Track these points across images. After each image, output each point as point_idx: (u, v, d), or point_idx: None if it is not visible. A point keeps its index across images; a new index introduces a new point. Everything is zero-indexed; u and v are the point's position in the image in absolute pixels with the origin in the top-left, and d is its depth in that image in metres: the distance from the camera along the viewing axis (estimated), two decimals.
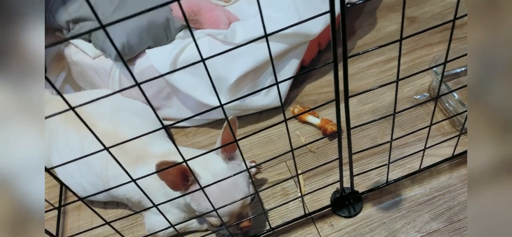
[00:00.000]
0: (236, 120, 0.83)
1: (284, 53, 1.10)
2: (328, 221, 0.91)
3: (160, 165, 0.75)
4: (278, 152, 1.07)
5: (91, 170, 0.98)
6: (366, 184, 0.95)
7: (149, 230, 0.97)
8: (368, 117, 1.08)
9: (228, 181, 0.82)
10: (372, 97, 1.11)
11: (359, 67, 1.19)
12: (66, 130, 1.04)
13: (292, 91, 1.19)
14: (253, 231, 0.93)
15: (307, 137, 1.08)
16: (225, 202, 0.80)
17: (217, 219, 0.83)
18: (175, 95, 1.16)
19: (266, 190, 1.00)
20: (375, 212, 0.90)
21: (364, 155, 1.00)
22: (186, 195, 0.84)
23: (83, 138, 1.00)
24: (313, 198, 0.96)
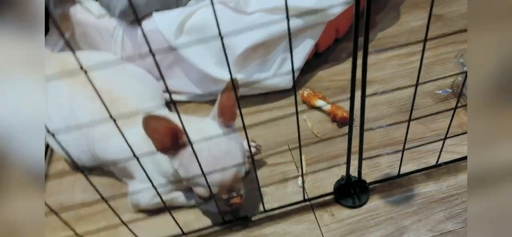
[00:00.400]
0: (238, 82, 0.75)
1: (299, 31, 1.02)
2: (329, 210, 0.81)
3: (148, 118, 0.67)
4: (282, 135, 0.98)
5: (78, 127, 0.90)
6: (375, 175, 0.85)
7: (132, 199, 0.88)
8: (383, 107, 0.98)
9: (221, 147, 0.74)
10: (389, 88, 1.02)
11: (378, 58, 1.10)
12: (57, 86, 0.97)
13: (303, 76, 1.10)
14: (244, 211, 0.84)
15: (315, 123, 0.99)
16: (217, 171, 0.72)
17: (205, 190, 0.74)
18: (178, 65, 1.08)
19: (264, 172, 0.91)
20: (382, 205, 0.80)
21: (375, 145, 0.90)
22: (174, 160, 0.75)
23: (74, 95, 0.93)
24: (314, 185, 0.86)
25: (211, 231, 0.82)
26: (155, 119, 0.68)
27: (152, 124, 0.68)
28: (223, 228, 0.82)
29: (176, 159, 0.75)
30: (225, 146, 0.74)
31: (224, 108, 0.76)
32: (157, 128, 0.69)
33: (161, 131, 0.70)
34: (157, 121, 0.68)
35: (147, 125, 0.67)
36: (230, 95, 0.75)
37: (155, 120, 0.68)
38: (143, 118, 0.66)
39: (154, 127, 0.69)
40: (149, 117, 0.66)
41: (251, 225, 0.82)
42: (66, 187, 0.99)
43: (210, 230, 0.82)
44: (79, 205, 0.94)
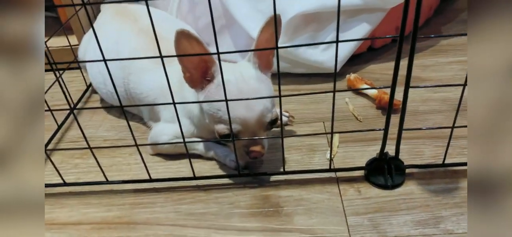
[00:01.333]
0: (280, 18, 0.69)
1: (356, 12, 0.95)
2: (355, 186, 0.71)
3: (180, 34, 0.63)
4: (320, 113, 0.90)
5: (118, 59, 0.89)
6: (416, 162, 0.74)
7: (151, 138, 0.84)
8: (436, 104, 0.87)
9: (250, 85, 0.68)
10: (446, 88, 0.91)
11: (438, 61, 1.00)
12: (109, 24, 0.98)
13: (352, 66, 1.02)
14: (263, 168, 0.76)
15: (358, 107, 0.90)
16: (241, 106, 0.66)
17: (225, 127, 0.68)
18: (228, 30, 1.06)
19: (292, 141, 0.83)
20: (419, 191, 0.68)
21: (421, 135, 0.79)
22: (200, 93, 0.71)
23: (121, 30, 0.93)
24: (344, 161, 0.76)
25: (224, 182, 0.75)
26: (187, 38, 0.63)
27: (183, 44, 0.64)
28: (237, 182, 0.74)
29: (202, 92, 0.71)
30: (254, 85, 0.69)
31: (261, 52, 0.71)
32: (188, 51, 0.65)
33: (193, 61, 0.67)
34: (188, 41, 0.64)
35: (179, 43, 0.63)
36: (269, 37, 0.69)
37: (187, 39, 0.64)
38: (176, 32, 0.62)
39: (186, 48, 0.64)
40: (182, 33, 0.62)
41: (267, 185, 0.73)
42: (94, 124, 0.97)
43: (223, 180, 0.75)
44: (100, 139, 0.91)
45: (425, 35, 1.10)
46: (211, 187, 0.74)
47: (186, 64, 0.68)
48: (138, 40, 0.87)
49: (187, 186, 0.75)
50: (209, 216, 0.69)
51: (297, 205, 0.69)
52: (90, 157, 0.84)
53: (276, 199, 0.70)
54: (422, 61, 1.00)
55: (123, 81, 0.88)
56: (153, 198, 0.74)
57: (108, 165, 0.83)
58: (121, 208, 0.73)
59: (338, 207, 0.67)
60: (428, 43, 1.07)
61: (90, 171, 0.82)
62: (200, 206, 0.71)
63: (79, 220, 0.71)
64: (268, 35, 0.68)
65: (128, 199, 0.75)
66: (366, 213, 0.66)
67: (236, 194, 0.72)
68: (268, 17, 0.66)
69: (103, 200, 0.75)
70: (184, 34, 0.63)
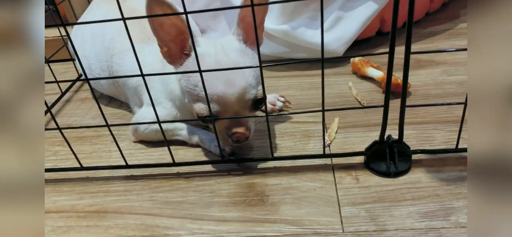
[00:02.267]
0: None
1: None
2: (353, 173, 0.61)
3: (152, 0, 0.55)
4: (319, 98, 0.80)
5: (103, 41, 0.84)
6: (425, 147, 0.64)
7: (132, 125, 0.77)
8: (451, 87, 0.77)
9: (231, 58, 0.60)
10: (462, 71, 0.80)
11: (454, 44, 0.90)
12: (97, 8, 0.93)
13: (360, 49, 0.93)
14: (252, 155, 0.67)
15: (362, 92, 0.80)
16: (219, 82, 0.58)
17: (205, 107, 0.60)
18: (224, 14, 0.98)
19: (286, 126, 0.74)
20: (427, 179, 0.58)
21: (432, 120, 0.69)
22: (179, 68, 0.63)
23: (108, 11, 0.87)
24: (342, 147, 0.67)
25: (206, 169, 0.67)
26: (160, 4, 0.55)
27: (156, 11, 0.56)
28: (220, 169, 0.66)
29: (180, 66, 0.63)
30: (236, 57, 0.60)
31: (246, 24, 0.63)
32: (163, 22, 0.58)
33: (168, 30, 0.59)
34: (161, 7, 0.56)
35: (151, 11, 0.55)
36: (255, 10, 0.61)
37: (160, 6, 0.56)
38: (147, 0, 0.55)
39: (160, 21, 0.57)
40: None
41: (254, 172, 0.65)
42: (81, 112, 0.91)
43: (205, 167, 0.67)
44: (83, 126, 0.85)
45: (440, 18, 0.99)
46: (192, 175, 0.66)
47: (162, 36, 0.60)
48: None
49: (166, 173, 0.68)
50: (186, 205, 0.61)
51: (285, 193, 0.60)
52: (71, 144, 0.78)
53: (261, 187, 0.61)
54: (436, 45, 0.90)
55: (107, 63, 0.82)
56: (130, 185, 0.67)
57: (88, 152, 0.77)
58: (93, 196, 0.66)
59: (332, 196, 0.58)
60: (444, 26, 0.97)
61: (68, 158, 0.76)
62: (178, 194, 0.63)
63: (48, 208, 0.64)
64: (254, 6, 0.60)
65: (102, 186, 0.67)
66: (363, 203, 0.56)
67: (219, 182, 0.64)
68: None
69: (76, 188, 0.68)
70: (155, 0, 0.55)
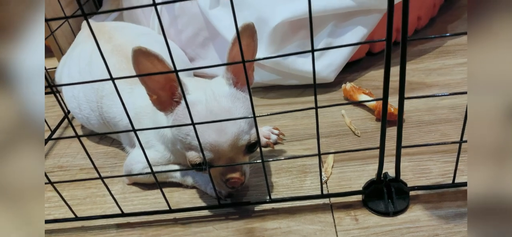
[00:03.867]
0: (255, 32, 0.60)
1: (349, 14, 0.86)
2: (352, 213, 0.61)
3: (138, 52, 0.53)
4: (312, 128, 0.80)
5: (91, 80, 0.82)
6: (422, 183, 0.64)
7: (126, 166, 0.75)
8: (443, 111, 0.77)
9: (222, 104, 0.59)
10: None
11: (445, 63, 0.90)
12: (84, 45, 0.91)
13: (351, 73, 0.93)
14: (247, 199, 0.67)
15: (355, 120, 0.80)
16: (211, 130, 0.57)
17: (197, 155, 0.59)
18: (213, 42, 0.97)
19: (282, 162, 0.74)
20: (426, 218, 0.58)
21: (427, 151, 0.69)
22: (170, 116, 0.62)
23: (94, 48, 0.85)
24: (340, 184, 0.67)
25: (204, 214, 0.66)
26: (147, 56, 0.54)
27: (144, 64, 0.54)
28: (218, 214, 0.65)
29: (171, 115, 0.62)
30: (227, 104, 0.59)
31: (237, 66, 0.62)
32: (151, 71, 0.56)
33: (158, 80, 0.58)
34: (150, 60, 0.54)
35: (138, 62, 0.54)
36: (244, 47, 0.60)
37: (147, 58, 0.54)
38: (132, 51, 0.53)
39: (147, 68, 0.55)
40: (139, 51, 0.53)
41: (252, 215, 0.64)
42: (72, 152, 0.90)
43: (202, 212, 0.66)
44: (76, 169, 0.84)
45: (429, 35, 0.99)
46: (189, 221, 0.66)
47: (150, 85, 0.59)
48: (112, 60, 0.79)
49: (163, 220, 0.67)
50: None
51: None
52: (64, 189, 0.76)
53: (261, 232, 0.61)
54: (427, 65, 0.90)
55: (96, 104, 0.81)
56: (127, 234, 0.66)
57: (82, 197, 0.75)
58: None
59: None
60: (433, 43, 0.97)
61: (62, 205, 0.74)
62: None
63: None
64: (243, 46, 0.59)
65: (98, 236, 0.66)
66: None
67: (217, 227, 0.63)
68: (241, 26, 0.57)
69: None
70: (142, 52, 0.53)
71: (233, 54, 0.60)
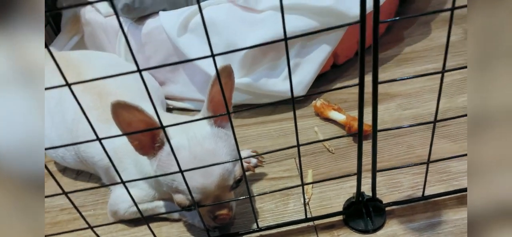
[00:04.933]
0: (232, 72, 0.63)
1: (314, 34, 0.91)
2: (335, 234, 0.67)
3: (117, 106, 0.55)
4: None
5: (63, 121, 0.82)
6: (395, 196, 0.70)
7: (111, 205, 0.77)
8: (408, 122, 0.84)
9: (206, 147, 0.61)
10: (416, 103, 0.88)
11: (405, 72, 0.97)
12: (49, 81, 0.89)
13: (318, 87, 0.98)
14: (235, 229, 0.70)
15: (327, 135, 0.85)
16: (197, 174, 0.59)
17: (185, 197, 0.62)
18: (183, 67, 0.99)
19: (264, 185, 0.78)
20: (401, 232, 0.65)
21: (396, 163, 0.76)
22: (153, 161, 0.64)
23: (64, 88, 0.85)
24: (321, 204, 0.72)
25: None
26: (127, 109, 0.56)
27: (123, 115, 0.56)
28: None
29: (155, 160, 0.63)
30: (211, 145, 0.62)
31: (216, 103, 0.64)
32: (131, 121, 0.58)
33: (136, 125, 0.58)
34: (129, 112, 0.56)
35: (117, 116, 0.56)
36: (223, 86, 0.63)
37: (127, 110, 0.56)
38: (111, 105, 0.55)
39: (127, 119, 0.57)
40: (118, 104, 0.55)
41: None
42: (49, 191, 0.88)
43: None
44: (56, 210, 0.84)
45: (386, 43, 1.06)
46: None
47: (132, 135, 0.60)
48: (84, 99, 0.79)
49: None
50: None
51: None
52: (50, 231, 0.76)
53: None
54: (388, 75, 0.97)
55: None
56: None
57: None
58: None
59: None
60: (391, 52, 1.04)
61: None
62: None
63: None
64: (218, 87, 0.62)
65: None
66: None
67: None
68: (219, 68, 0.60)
69: None
70: (121, 105, 0.55)
71: (213, 93, 0.63)
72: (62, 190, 0.56)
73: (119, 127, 0.58)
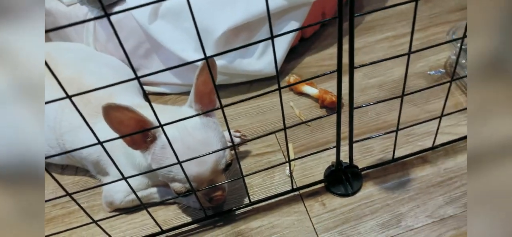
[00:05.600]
0: (215, 63, 0.69)
1: (282, 12, 0.96)
2: (319, 199, 0.76)
3: (108, 109, 0.59)
4: (268, 124, 0.92)
5: (46, 120, 0.83)
6: (368, 161, 0.80)
7: (106, 197, 0.81)
8: (374, 91, 0.93)
9: (197, 137, 0.67)
10: (380, 71, 0.97)
11: (367, 41, 1.06)
12: None
13: (289, 62, 1.04)
14: (228, 205, 0.78)
15: (303, 110, 0.93)
16: (191, 163, 0.64)
17: (182, 185, 0.68)
18: (156, 53, 1.02)
19: (249, 162, 0.85)
20: (377, 192, 0.75)
21: (367, 130, 0.85)
22: (147, 154, 0.69)
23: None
24: (304, 174, 0.81)
25: (193, 227, 0.76)
26: (118, 109, 0.60)
27: (114, 116, 0.60)
28: (206, 224, 0.76)
29: (148, 153, 0.68)
30: (201, 135, 0.67)
31: (201, 94, 0.70)
32: (122, 120, 0.61)
33: (127, 123, 0.62)
34: (120, 112, 0.60)
35: (109, 117, 0.60)
36: (206, 79, 0.68)
37: (118, 111, 0.60)
38: (103, 108, 0.58)
39: (118, 118, 0.61)
40: (109, 107, 0.59)
41: (236, 219, 0.76)
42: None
43: (192, 227, 0.76)
44: (49, 206, 0.87)
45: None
46: (182, 235, 0.75)
47: (123, 130, 0.63)
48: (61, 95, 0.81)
49: None
50: None
51: (270, 234, 0.72)
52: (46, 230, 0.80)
53: (248, 233, 0.73)
54: None
55: (57, 142, 0.83)
56: None
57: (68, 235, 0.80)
58: None
59: (309, 226, 0.72)
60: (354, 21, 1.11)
61: None
62: None
63: None
64: (204, 77, 0.67)
65: None
66: (335, 227, 0.71)
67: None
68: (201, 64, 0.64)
69: None
70: (112, 107, 0.59)
71: (198, 84, 0.68)
72: (66, 192, 0.60)
73: (111, 127, 0.61)
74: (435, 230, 0.67)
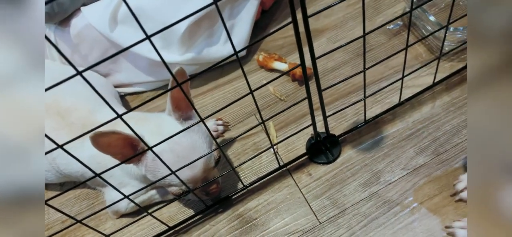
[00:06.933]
0: (185, 72, 0.74)
1: None
2: (305, 171, 0.86)
3: (96, 137, 0.64)
4: (247, 106, 1.00)
5: None
6: (343, 126, 0.90)
7: (111, 208, 0.89)
8: (339, 55, 1.02)
9: (184, 144, 0.73)
10: (342, 33, 1.06)
11: (326, 2, 1.13)
12: None
13: (255, 37, 1.11)
14: (225, 192, 0.87)
15: (276, 86, 1.01)
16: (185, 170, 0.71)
17: (178, 188, 0.76)
18: (123, 56, 1.06)
19: (236, 148, 0.94)
20: (355, 154, 0.86)
21: (338, 96, 0.95)
22: (140, 166, 0.75)
23: None
24: (287, 149, 0.91)
25: (198, 218, 0.86)
26: (104, 135, 0.65)
27: (102, 141, 0.66)
28: (208, 214, 0.86)
29: (141, 165, 0.75)
30: (188, 141, 0.73)
31: (177, 101, 0.75)
32: (110, 142, 0.67)
33: (115, 143, 0.68)
34: (107, 136, 0.66)
35: (98, 144, 0.65)
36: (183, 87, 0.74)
37: (105, 136, 0.65)
38: (90, 138, 0.63)
39: (106, 142, 0.66)
40: (96, 136, 0.63)
41: (234, 203, 0.86)
42: None
43: (195, 218, 0.86)
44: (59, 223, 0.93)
45: None
46: (188, 228, 0.85)
47: (114, 151, 0.69)
48: (48, 122, 0.86)
49: None
50: None
51: (267, 210, 0.83)
52: None
53: (247, 213, 0.84)
54: (311, 9, 1.12)
55: (51, 165, 0.89)
56: None
57: None
58: None
59: (300, 197, 0.83)
60: None
61: None
62: None
63: None
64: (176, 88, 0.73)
65: None
66: (322, 193, 0.82)
67: (213, 224, 0.85)
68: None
69: None
70: (98, 135, 0.64)
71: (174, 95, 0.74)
72: (76, 220, 0.67)
73: (101, 151, 0.67)
74: (410, 181, 0.80)
